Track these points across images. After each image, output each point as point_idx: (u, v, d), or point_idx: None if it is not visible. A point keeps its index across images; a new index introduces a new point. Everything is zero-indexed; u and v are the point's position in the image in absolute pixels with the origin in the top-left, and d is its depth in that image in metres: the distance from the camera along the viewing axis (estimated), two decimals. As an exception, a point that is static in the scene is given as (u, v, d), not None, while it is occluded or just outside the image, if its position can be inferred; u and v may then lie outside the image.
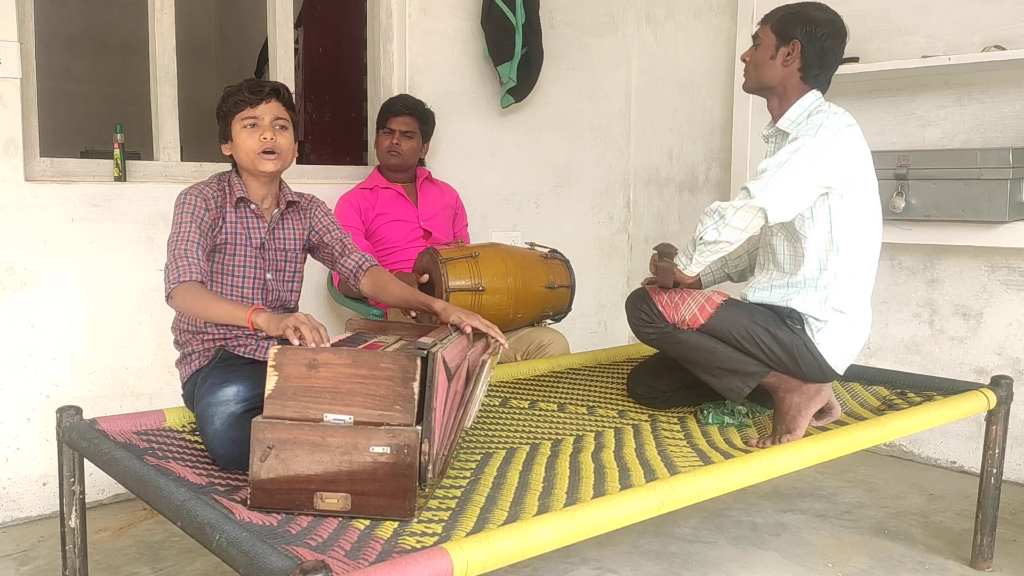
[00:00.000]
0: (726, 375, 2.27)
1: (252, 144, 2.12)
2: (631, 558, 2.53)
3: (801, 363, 2.23)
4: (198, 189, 2.14)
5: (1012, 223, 3.03)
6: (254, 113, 2.12)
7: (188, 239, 2.05)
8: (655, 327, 2.29)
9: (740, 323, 2.24)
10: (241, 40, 5.87)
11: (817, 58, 2.24)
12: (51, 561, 2.48)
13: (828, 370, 2.25)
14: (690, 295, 2.29)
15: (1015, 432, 3.06)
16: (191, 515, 1.52)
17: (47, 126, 2.92)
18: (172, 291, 2.00)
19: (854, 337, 2.28)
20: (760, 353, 2.24)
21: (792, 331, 2.23)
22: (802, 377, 2.25)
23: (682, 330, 2.27)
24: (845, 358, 2.28)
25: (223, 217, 2.16)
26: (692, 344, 2.27)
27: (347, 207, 3.18)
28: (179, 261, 2.01)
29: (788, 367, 2.24)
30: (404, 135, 3.21)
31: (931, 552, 2.61)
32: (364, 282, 2.31)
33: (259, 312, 1.90)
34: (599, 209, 4.32)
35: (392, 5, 3.52)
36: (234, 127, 2.14)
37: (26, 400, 2.77)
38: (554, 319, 3.12)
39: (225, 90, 2.18)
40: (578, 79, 4.15)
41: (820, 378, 2.26)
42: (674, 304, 2.28)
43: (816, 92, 2.28)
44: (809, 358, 2.23)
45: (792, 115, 2.26)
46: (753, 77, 2.33)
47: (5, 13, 2.64)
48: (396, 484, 1.60)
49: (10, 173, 2.69)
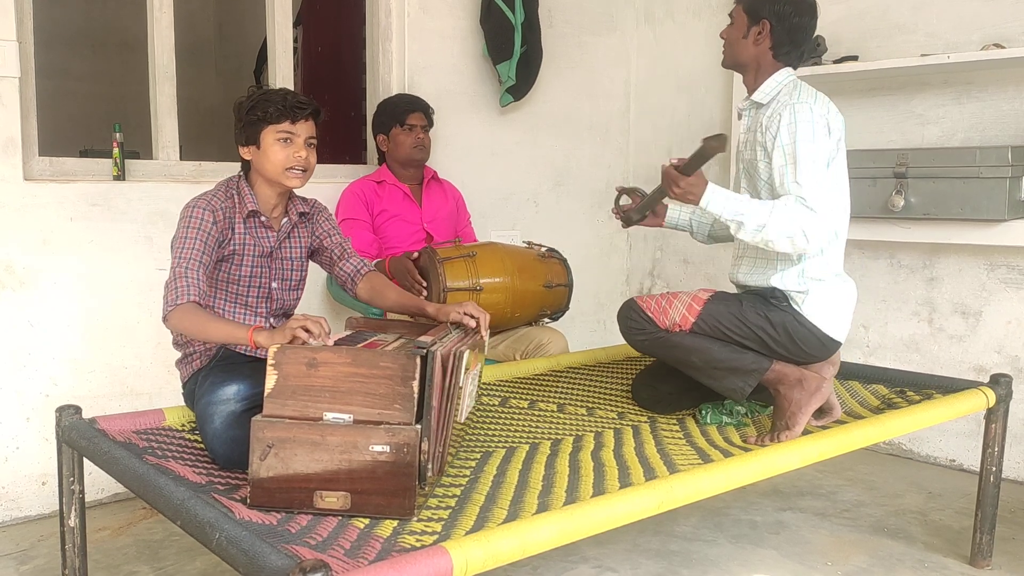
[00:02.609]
0: (726, 375, 2.27)
1: (283, 158, 2.09)
2: (631, 556, 2.53)
3: (798, 340, 2.24)
4: (206, 200, 2.08)
5: (1011, 221, 3.03)
6: (292, 129, 2.08)
7: (190, 257, 2.00)
8: (647, 333, 2.30)
9: (730, 313, 2.25)
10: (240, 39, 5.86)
11: (787, 35, 2.30)
12: (51, 560, 2.48)
13: (826, 339, 2.26)
14: (676, 297, 2.30)
15: (1014, 430, 3.06)
16: (191, 514, 1.53)
17: (46, 125, 2.92)
18: (168, 313, 1.96)
19: (840, 301, 2.30)
20: (755, 340, 2.24)
21: (780, 308, 2.25)
22: (804, 357, 2.25)
23: (674, 333, 2.27)
24: (839, 324, 2.29)
25: (232, 228, 2.11)
26: (687, 346, 2.27)
27: (353, 199, 3.18)
28: (178, 282, 1.97)
29: (788, 348, 2.25)
30: (423, 129, 3.25)
31: (930, 550, 2.61)
32: (361, 287, 2.32)
33: (259, 331, 1.88)
34: (598, 208, 4.31)
35: (391, 4, 3.52)
36: (265, 136, 2.08)
37: (25, 399, 2.77)
38: (552, 318, 3.12)
39: (256, 93, 2.11)
40: (577, 78, 4.15)
41: (822, 352, 2.26)
42: (662, 308, 2.29)
43: (789, 69, 2.34)
44: (804, 332, 2.24)
45: (766, 88, 2.32)
46: (729, 55, 2.40)
47: (4, 12, 2.64)
48: (396, 483, 1.60)
49: (9, 172, 2.69)
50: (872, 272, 3.60)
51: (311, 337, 1.76)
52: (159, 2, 3.02)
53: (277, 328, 1.88)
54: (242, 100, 2.13)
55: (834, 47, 3.58)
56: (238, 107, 2.13)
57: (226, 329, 1.95)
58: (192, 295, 1.97)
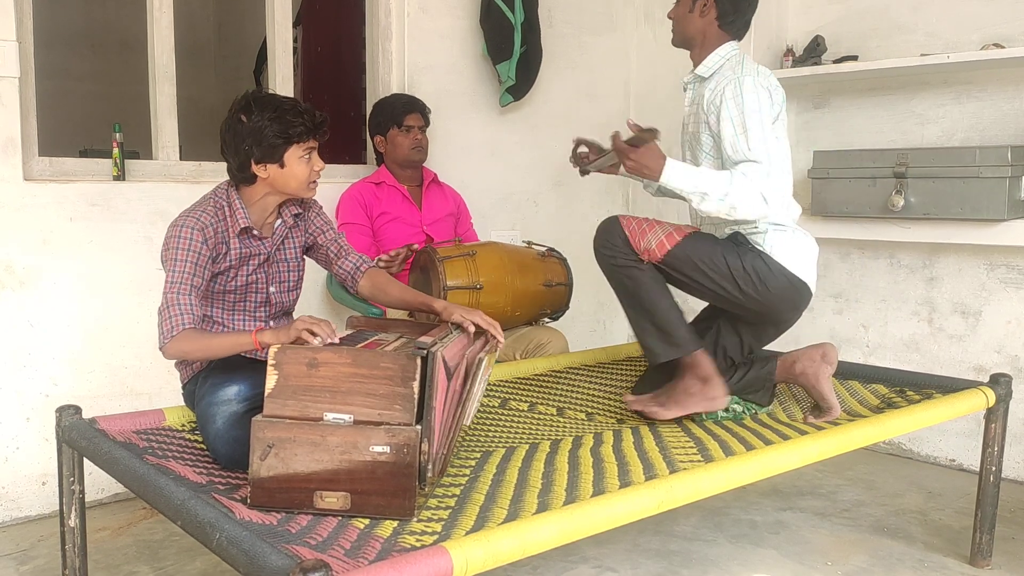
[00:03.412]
0: (654, 332, 2.30)
1: (306, 174, 2.07)
2: (631, 556, 2.53)
3: (768, 283, 2.27)
4: (194, 219, 2.01)
5: (1011, 221, 3.03)
6: (314, 144, 2.08)
7: (181, 282, 1.97)
8: (616, 254, 2.30)
9: (705, 250, 2.29)
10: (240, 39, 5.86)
11: (731, 4, 2.38)
12: (51, 560, 2.48)
13: (796, 280, 2.29)
14: (659, 224, 2.32)
15: (1014, 430, 3.06)
16: (191, 514, 1.53)
17: (46, 125, 2.92)
18: (165, 345, 1.94)
19: (803, 246, 2.34)
20: (726, 277, 2.26)
21: (751, 251, 2.28)
22: (772, 300, 2.28)
23: (641, 265, 2.28)
24: (805, 267, 2.32)
25: (226, 243, 2.07)
26: (643, 283, 2.29)
27: (352, 204, 3.18)
28: (171, 310, 1.95)
29: (756, 288, 2.27)
30: (420, 130, 3.25)
31: (930, 550, 2.61)
32: (362, 283, 2.31)
33: (263, 332, 1.88)
34: (598, 207, 4.31)
35: (391, 4, 3.52)
36: (291, 155, 2.03)
37: (25, 399, 2.77)
38: (552, 317, 3.12)
39: (267, 111, 2.00)
40: (577, 77, 4.15)
41: (791, 295, 2.30)
42: (641, 230, 2.30)
43: (734, 42, 2.42)
44: (771, 274, 2.27)
45: (710, 62, 2.40)
46: (678, 32, 2.48)
47: (3, 12, 2.64)
48: (396, 483, 1.60)
49: (9, 172, 2.69)
50: (872, 272, 3.60)
51: (315, 340, 1.76)
52: (159, 2, 3.02)
53: (282, 327, 1.88)
54: (251, 117, 2.01)
55: (834, 47, 3.58)
56: (253, 129, 2.00)
57: (230, 341, 1.95)
58: (187, 322, 1.94)
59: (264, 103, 2.03)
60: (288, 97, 2.13)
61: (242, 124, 2.02)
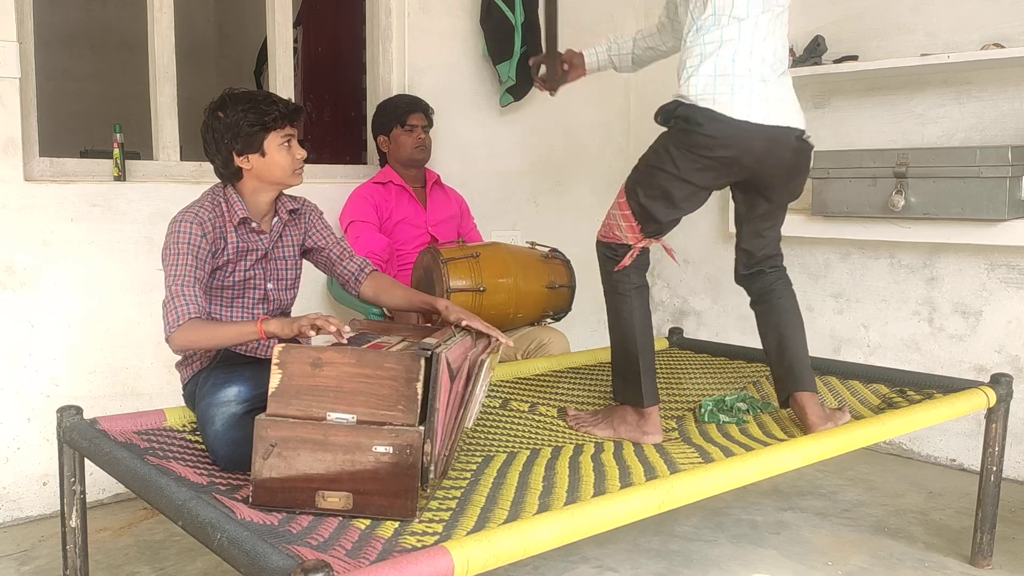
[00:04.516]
0: (622, 374, 2.30)
1: (288, 161, 2.10)
2: (631, 556, 2.53)
3: (701, 130, 2.15)
4: (193, 214, 2.05)
5: (1011, 221, 3.03)
6: (291, 131, 2.10)
7: (183, 274, 1.99)
8: (614, 263, 2.30)
9: (639, 169, 2.34)
10: (240, 39, 5.86)
11: None
12: (51, 561, 2.48)
13: (724, 118, 2.11)
14: (609, 215, 2.37)
15: (1015, 430, 3.07)
16: (192, 514, 1.53)
17: (46, 126, 2.92)
18: (171, 335, 1.95)
19: (727, 83, 2.16)
20: (667, 154, 2.21)
21: (675, 116, 2.22)
22: (720, 151, 2.14)
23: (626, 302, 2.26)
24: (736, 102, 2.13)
25: (224, 237, 2.09)
26: (623, 314, 2.28)
27: (362, 202, 3.17)
28: (175, 301, 1.96)
29: (695, 139, 2.16)
30: (424, 129, 3.25)
31: (931, 550, 2.61)
32: (365, 287, 2.32)
33: (267, 321, 1.90)
34: (599, 208, 4.29)
35: (391, 4, 3.52)
36: (270, 143, 2.07)
37: (26, 400, 2.77)
38: (554, 318, 3.12)
39: (240, 102, 2.06)
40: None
41: (733, 133, 2.12)
42: (607, 226, 2.35)
43: None
44: (699, 122, 2.14)
45: None
46: None
47: (4, 13, 2.64)
48: (398, 484, 1.60)
49: (9, 173, 2.69)
50: (872, 272, 3.60)
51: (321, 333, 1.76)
52: (159, 2, 3.02)
53: (287, 319, 1.88)
54: (227, 112, 2.06)
55: (834, 47, 3.58)
56: (231, 123, 2.05)
57: (234, 330, 1.96)
58: (192, 312, 1.95)
59: (238, 98, 2.08)
60: (261, 90, 2.15)
61: (219, 120, 2.07)
